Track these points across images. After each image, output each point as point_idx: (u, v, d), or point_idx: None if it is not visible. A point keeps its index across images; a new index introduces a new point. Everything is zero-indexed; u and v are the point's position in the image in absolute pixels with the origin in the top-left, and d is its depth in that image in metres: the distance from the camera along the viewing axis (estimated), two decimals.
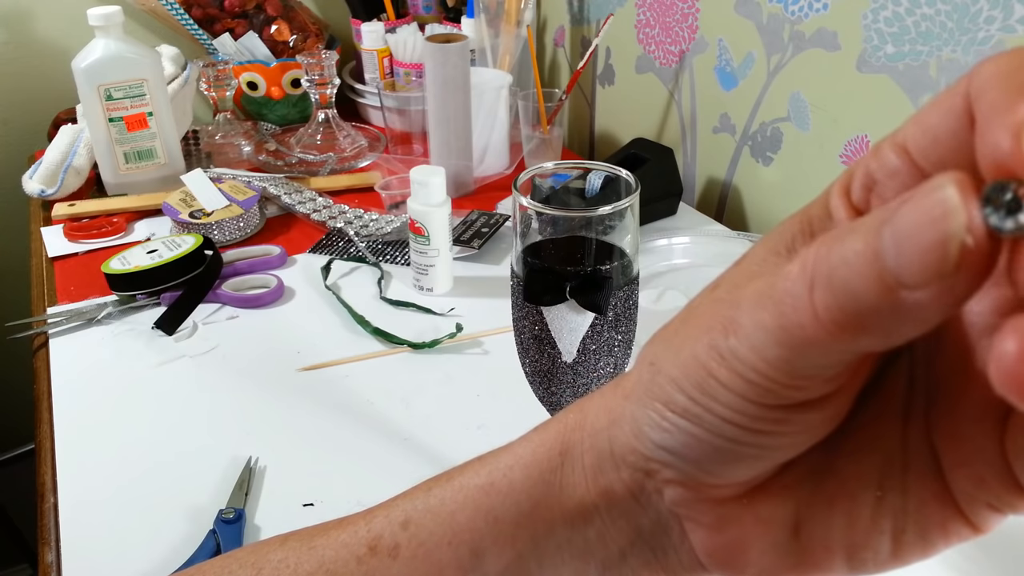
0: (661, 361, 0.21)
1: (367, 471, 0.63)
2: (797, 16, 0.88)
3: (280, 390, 0.73)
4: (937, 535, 0.21)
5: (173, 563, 0.56)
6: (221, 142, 1.20)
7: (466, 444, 0.66)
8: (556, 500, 0.24)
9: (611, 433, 0.23)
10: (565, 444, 0.24)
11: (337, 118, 1.20)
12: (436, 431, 0.67)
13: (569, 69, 1.34)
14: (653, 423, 0.21)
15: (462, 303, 0.85)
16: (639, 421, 0.22)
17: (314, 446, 0.66)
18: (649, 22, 1.11)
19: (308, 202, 1.04)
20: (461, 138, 1.04)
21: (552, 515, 0.24)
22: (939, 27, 0.73)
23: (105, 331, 0.82)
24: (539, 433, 0.25)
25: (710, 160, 1.07)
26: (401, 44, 1.25)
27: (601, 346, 0.49)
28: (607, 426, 0.23)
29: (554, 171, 0.57)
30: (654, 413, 0.21)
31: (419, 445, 0.66)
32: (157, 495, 0.62)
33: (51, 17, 1.26)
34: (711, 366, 0.19)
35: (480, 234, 0.95)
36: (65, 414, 0.71)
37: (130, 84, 1.02)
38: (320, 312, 0.84)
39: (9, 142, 1.30)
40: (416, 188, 0.82)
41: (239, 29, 1.25)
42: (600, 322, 0.48)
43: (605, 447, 0.23)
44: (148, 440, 0.67)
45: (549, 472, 0.24)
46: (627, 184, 0.49)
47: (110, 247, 0.97)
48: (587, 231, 0.48)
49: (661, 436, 0.21)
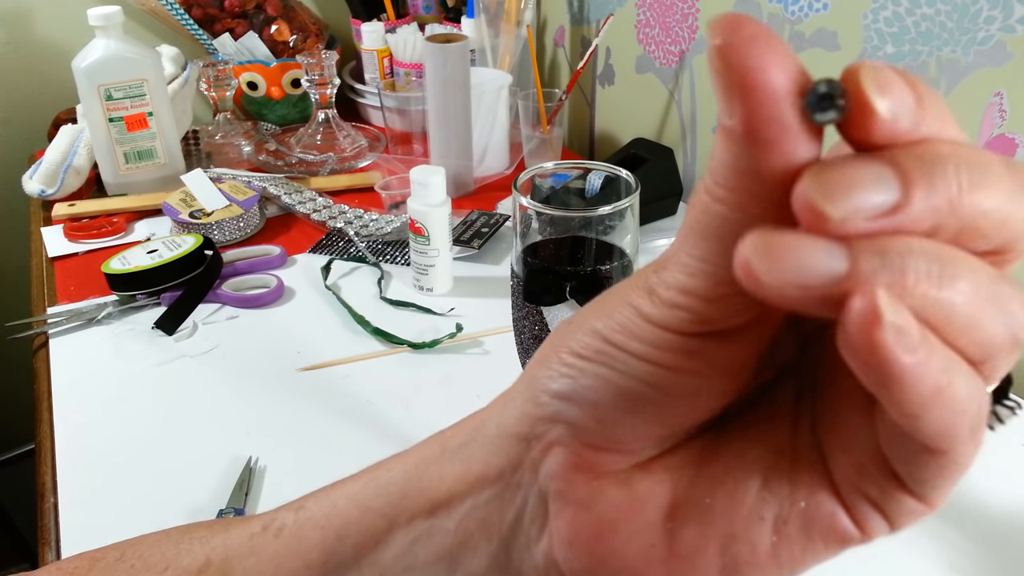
0: (577, 319, 0.22)
1: None
2: (797, 16, 0.88)
3: (280, 390, 0.73)
4: (819, 531, 0.20)
5: None
6: (221, 142, 1.20)
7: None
8: (424, 491, 0.24)
9: (501, 412, 0.23)
10: (447, 438, 0.25)
11: (337, 118, 1.20)
12: (436, 431, 0.67)
13: (569, 69, 1.34)
14: (555, 373, 0.21)
15: (462, 303, 0.85)
16: (537, 378, 0.22)
17: (314, 446, 0.66)
18: (649, 22, 1.11)
19: (308, 202, 1.04)
20: (461, 138, 1.04)
21: (417, 505, 0.24)
22: (939, 27, 0.73)
23: (105, 331, 0.82)
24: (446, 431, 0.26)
25: (710, 160, 1.07)
26: (401, 44, 1.25)
27: None
28: (497, 410, 0.24)
29: (554, 171, 0.57)
30: (558, 364, 0.21)
31: None
32: (157, 495, 0.62)
33: (51, 17, 1.26)
34: (637, 302, 0.20)
35: (480, 234, 0.95)
36: (65, 414, 0.71)
37: (130, 84, 1.02)
38: (320, 312, 0.84)
39: (9, 142, 1.30)
40: (416, 188, 0.82)
41: (239, 29, 1.25)
42: None
43: (490, 431, 0.23)
44: (148, 440, 0.67)
45: (424, 463, 0.25)
46: (627, 184, 0.49)
47: (110, 247, 0.97)
48: (587, 231, 0.48)
49: (562, 384, 0.21)
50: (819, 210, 0.16)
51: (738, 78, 0.16)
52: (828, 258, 0.16)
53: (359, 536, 0.25)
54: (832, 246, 0.16)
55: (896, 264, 0.16)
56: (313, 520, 0.26)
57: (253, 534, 0.26)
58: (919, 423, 0.17)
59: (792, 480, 0.21)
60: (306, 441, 0.67)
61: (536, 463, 0.22)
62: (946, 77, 0.74)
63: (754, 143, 0.17)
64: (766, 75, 0.16)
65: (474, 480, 0.23)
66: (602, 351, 0.20)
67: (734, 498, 0.21)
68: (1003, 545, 0.55)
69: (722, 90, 0.17)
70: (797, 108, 0.17)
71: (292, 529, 0.26)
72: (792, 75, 0.17)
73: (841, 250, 0.16)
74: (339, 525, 0.25)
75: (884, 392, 0.17)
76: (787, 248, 0.16)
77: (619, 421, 0.21)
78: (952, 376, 0.17)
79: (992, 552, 0.55)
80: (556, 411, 0.21)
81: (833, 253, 0.16)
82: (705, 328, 0.19)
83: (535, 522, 0.22)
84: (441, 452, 0.25)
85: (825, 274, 0.16)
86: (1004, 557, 0.54)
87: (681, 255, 0.19)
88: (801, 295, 0.16)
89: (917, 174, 0.16)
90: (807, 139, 0.17)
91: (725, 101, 0.17)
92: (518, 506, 0.22)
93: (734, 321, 0.19)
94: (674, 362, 0.20)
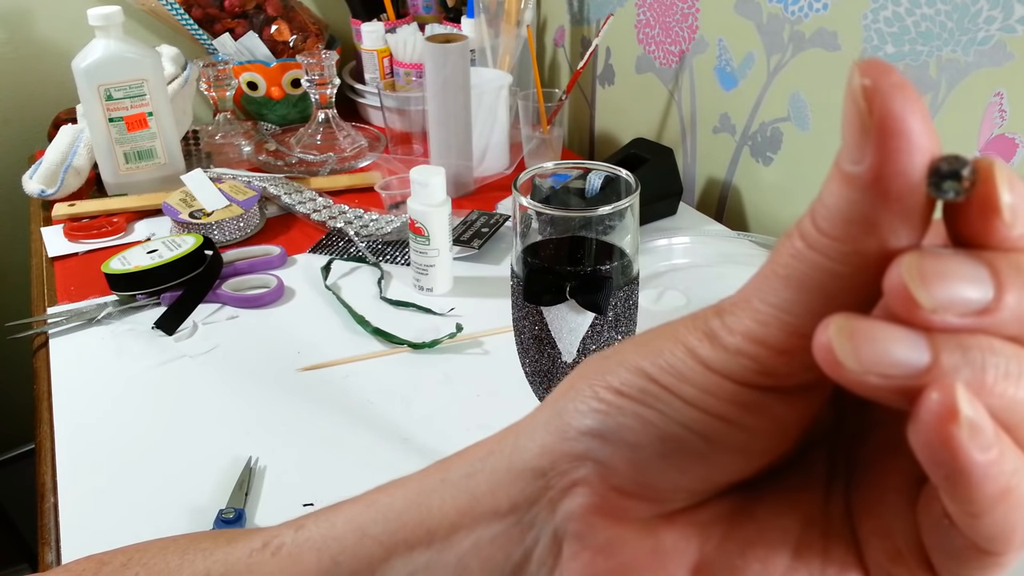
0: (616, 354, 0.21)
1: (367, 471, 0.63)
2: (797, 16, 0.88)
3: (280, 390, 0.73)
4: None
5: None
6: (221, 142, 1.20)
7: (466, 444, 0.65)
8: (423, 522, 0.23)
9: (515, 443, 0.22)
10: (449, 465, 0.24)
11: (337, 118, 1.20)
12: (436, 431, 0.68)
13: (569, 69, 1.34)
14: (588, 408, 0.20)
15: (462, 303, 0.85)
16: (566, 410, 0.21)
17: (314, 446, 0.66)
18: (649, 22, 1.11)
19: (308, 202, 1.04)
20: (461, 138, 1.04)
21: (415, 536, 0.23)
22: (939, 27, 0.73)
23: (105, 331, 0.82)
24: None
25: (710, 160, 1.07)
26: (401, 44, 1.25)
27: (601, 346, 0.49)
28: (510, 440, 0.22)
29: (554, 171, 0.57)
30: (593, 399, 0.20)
31: (419, 445, 0.66)
32: (157, 495, 0.62)
33: (51, 17, 1.26)
34: (694, 344, 0.19)
35: (480, 234, 0.95)
36: (65, 414, 0.71)
37: (130, 84, 1.02)
38: (320, 312, 0.84)
39: (9, 142, 1.30)
40: (416, 188, 0.82)
41: (239, 29, 1.25)
42: (600, 322, 0.48)
43: (501, 463, 0.22)
44: (148, 440, 0.67)
45: (425, 493, 0.23)
46: (627, 184, 0.49)
47: (110, 247, 0.97)
48: (587, 231, 0.48)
49: (596, 420, 0.20)
50: (912, 296, 0.16)
51: (880, 122, 0.16)
52: (911, 349, 0.16)
53: (355, 562, 0.23)
54: (916, 337, 0.16)
55: (977, 361, 0.16)
56: (311, 541, 0.25)
57: (253, 550, 0.26)
58: (979, 522, 0.17)
59: (824, 554, 0.20)
60: (306, 441, 0.67)
61: (554, 502, 0.21)
62: (946, 77, 0.74)
63: (880, 193, 0.16)
64: (910, 125, 0.16)
65: (480, 514, 0.22)
66: (647, 391, 0.19)
67: (767, 564, 0.20)
68: None
69: (856, 132, 0.16)
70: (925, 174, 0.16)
71: (290, 548, 0.25)
72: (931, 134, 0.16)
73: (924, 341, 0.16)
74: (336, 549, 0.24)
75: (951, 488, 0.16)
76: (871, 334, 0.16)
77: (655, 467, 0.19)
78: (1021, 479, 0.16)
79: None
80: (587, 448, 0.20)
81: (917, 344, 0.16)
82: (768, 382, 0.18)
83: (545, 564, 0.21)
84: (442, 481, 0.23)
85: (907, 365, 0.16)
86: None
87: (754, 301, 0.18)
88: (882, 384, 0.16)
89: (1012, 280, 0.16)
90: (921, 209, 0.17)
91: (857, 145, 0.16)
92: (527, 545, 0.21)
93: (800, 379, 0.18)
94: (728, 413, 0.19)
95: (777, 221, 0.99)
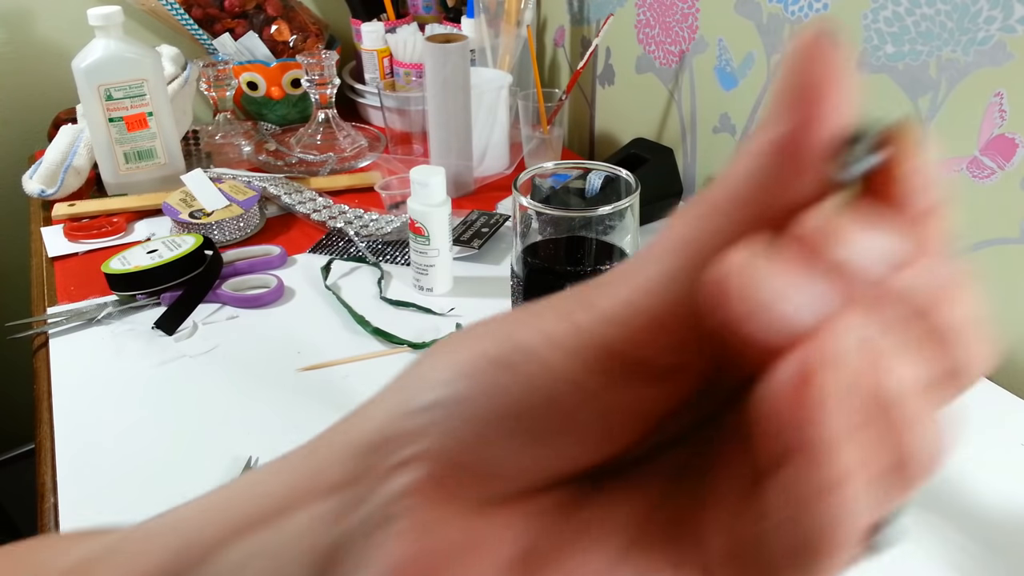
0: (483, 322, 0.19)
1: None
2: (797, 16, 0.88)
3: (280, 390, 0.73)
4: None
5: None
6: (221, 142, 1.20)
7: None
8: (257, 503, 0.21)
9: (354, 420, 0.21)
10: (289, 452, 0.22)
11: (337, 118, 1.20)
12: None
13: (569, 69, 1.34)
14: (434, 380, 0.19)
15: (462, 303, 0.85)
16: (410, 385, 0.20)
17: None
18: (649, 22, 1.11)
19: (308, 202, 1.04)
20: (461, 138, 1.04)
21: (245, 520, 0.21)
22: (939, 27, 0.73)
23: (105, 331, 0.82)
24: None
25: (710, 160, 1.07)
26: (401, 44, 1.25)
27: None
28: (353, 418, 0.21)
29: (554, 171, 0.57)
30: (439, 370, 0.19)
31: None
32: (157, 495, 0.62)
33: (51, 17, 1.26)
34: (570, 309, 0.18)
35: (480, 234, 0.95)
36: (65, 414, 0.71)
37: (130, 84, 1.02)
38: (320, 312, 0.84)
39: (9, 142, 1.30)
40: (416, 188, 0.82)
41: (239, 29, 1.25)
42: None
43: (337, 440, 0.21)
44: (148, 440, 0.67)
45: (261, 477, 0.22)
46: (627, 184, 0.49)
47: (110, 247, 0.97)
48: (587, 231, 0.48)
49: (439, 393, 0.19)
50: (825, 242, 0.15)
51: (807, 84, 0.16)
52: (813, 300, 0.15)
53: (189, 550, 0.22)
54: (824, 292, 0.15)
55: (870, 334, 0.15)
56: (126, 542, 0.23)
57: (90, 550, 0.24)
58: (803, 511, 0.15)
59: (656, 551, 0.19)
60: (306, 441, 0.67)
61: (383, 479, 0.19)
62: (946, 77, 0.74)
63: (791, 158, 0.16)
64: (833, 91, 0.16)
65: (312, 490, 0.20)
66: (509, 357, 0.18)
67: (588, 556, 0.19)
68: (1003, 545, 0.55)
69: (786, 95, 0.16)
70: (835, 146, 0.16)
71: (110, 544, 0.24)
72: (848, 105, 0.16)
73: (831, 300, 0.15)
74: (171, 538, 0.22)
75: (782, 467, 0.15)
76: (778, 273, 0.15)
77: (493, 443, 0.18)
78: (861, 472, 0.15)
79: (993, 552, 0.55)
80: (428, 422, 0.19)
81: (822, 298, 0.15)
82: (637, 352, 0.17)
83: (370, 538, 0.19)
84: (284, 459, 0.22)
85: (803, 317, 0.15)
86: (1004, 557, 0.54)
87: (638, 269, 0.18)
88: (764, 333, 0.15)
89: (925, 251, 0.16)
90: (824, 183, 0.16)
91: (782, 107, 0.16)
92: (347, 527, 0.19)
93: (668, 358, 0.17)
94: (588, 382, 0.17)
95: None
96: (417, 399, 0.19)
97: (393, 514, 0.18)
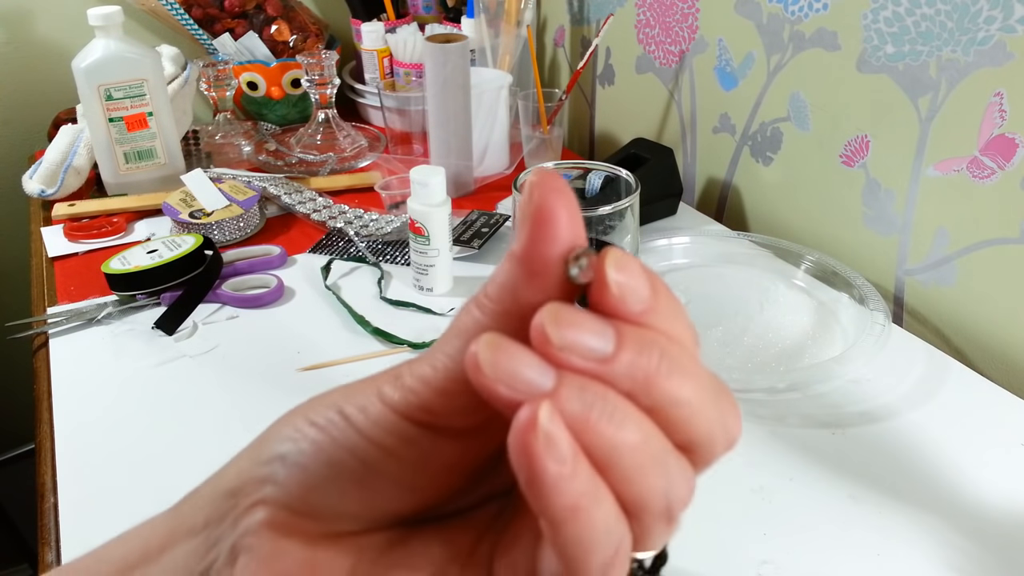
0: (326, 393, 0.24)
1: None
2: (797, 16, 0.88)
3: (280, 390, 0.73)
4: None
5: None
6: (221, 142, 1.21)
7: None
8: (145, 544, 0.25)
9: (222, 471, 0.25)
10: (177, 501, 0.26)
11: (337, 118, 1.20)
12: None
13: (569, 69, 1.34)
14: (283, 436, 0.23)
15: (462, 303, 0.84)
16: (265, 440, 0.24)
17: None
18: (649, 22, 1.11)
19: (308, 202, 1.04)
20: (461, 138, 1.04)
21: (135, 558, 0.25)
22: (939, 27, 0.73)
23: (105, 331, 0.82)
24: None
25: (710, 160, 1.07)
26: (401, 44, 1.25)
27: None
28: (221, 470, 0.25)
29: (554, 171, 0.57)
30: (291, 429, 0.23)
31: None
32: (157, 495, 0.62)
33: (51, 17, 1.26)
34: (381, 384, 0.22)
35: (480, 234, 0.95)
36: (65, 414, 0.71)
37: (130, 84, 1.02)
38: (320, 312, 0.84)
39: (9, 142, 1.30)
40: (416, 188, 0.82)
41: (239, 29, 1.25)
42: None
43: (206, 488, 0.25)
44: (148, 440, 0.67)
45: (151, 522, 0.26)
46: (627, 184, 0.49)
47: (110, 247, 0.97)
48: (587, 231, 0.48)
49: (284, 447, 0.23)
50: (546, 333, 0.19)
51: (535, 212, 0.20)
52: (540, 374, 0.19)
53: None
54: (547, 367, 0.19)
55: (587, 399, 0.19)
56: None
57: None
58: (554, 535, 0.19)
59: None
60: None
61: (238, 519, 0.23)
62: (946, 77, 0.74)
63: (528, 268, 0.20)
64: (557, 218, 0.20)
65: (182, 532, 0.24)
66: (332, 421, 0.22)
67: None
68: (1003, 545, 0.55)
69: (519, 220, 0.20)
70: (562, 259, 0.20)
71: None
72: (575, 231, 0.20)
73: (552, 372, 0.19)
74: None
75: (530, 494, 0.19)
76: (512, 352, 0.19)
77: (322, 490, 0.22)
78: (594, 504, 0.19)
79: (992, 552, 0.55)
80: (271, 471, 0.23)
81: (545, 372, 0.19)
82: (427, 418, 0.21)
83: (225, 574, 0.23)
84: (168, 513, 0.26)
85: (532, 384, 0.19)
86: (1004, 557, 0.54)
87: (436, 351, 0.22)
88: (507, 395, 0.19)
89: (630, 343, 0.19)
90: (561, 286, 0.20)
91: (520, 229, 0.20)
92: (211, 558, 0.23)
93: (452, 421, 0.21)
94: (389, 444, 0.21)
95: (777, 221, 0.99)
96: (266, 452, 0.23)
97: (245, 546, 0.22)
